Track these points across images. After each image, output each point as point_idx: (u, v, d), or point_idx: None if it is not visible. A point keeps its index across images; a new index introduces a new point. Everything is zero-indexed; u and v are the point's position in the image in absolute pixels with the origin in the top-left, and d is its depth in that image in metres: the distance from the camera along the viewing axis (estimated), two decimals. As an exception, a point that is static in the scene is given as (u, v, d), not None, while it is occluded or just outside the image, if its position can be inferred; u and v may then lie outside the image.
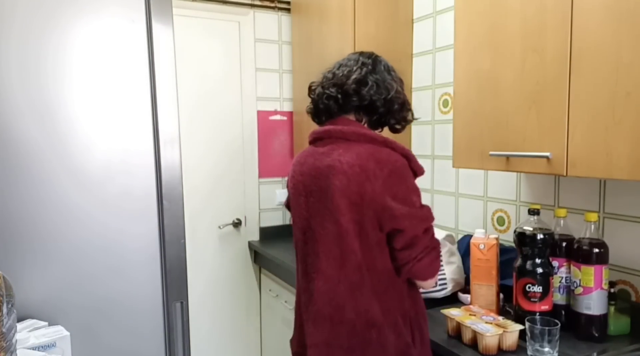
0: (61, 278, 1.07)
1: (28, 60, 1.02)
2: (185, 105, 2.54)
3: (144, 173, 1.14)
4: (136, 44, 1.12)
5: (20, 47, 1.02)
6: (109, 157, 1.10)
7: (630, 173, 1.11)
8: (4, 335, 0.77)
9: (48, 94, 1.04)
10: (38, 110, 1.03)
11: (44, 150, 1.04)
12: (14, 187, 1.02)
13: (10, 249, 1.02)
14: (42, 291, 1.05)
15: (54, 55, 1.05)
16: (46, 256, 1.05)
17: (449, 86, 2.03)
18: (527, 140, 1.35)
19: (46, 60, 1.04)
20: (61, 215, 1.06)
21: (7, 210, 1.02)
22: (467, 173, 1.97)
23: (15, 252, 1.03)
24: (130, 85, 1.12)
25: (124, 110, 1.12)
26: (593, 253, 1.33)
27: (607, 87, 1.15)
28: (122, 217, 1.12)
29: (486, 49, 1.45)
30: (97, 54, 1.08)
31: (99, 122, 1.09)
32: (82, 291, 1.09)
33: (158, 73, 1.14)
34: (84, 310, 1.09)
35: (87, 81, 1.08)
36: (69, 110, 1.06)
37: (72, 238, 1.07)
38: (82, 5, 1.07)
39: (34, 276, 1.04)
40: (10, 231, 1.02)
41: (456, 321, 1.38)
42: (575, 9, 1.21)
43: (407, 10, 2.21)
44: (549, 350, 1.23)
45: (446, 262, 1.73)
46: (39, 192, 1.04)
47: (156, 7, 1.13)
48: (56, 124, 1.05)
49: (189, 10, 2.47)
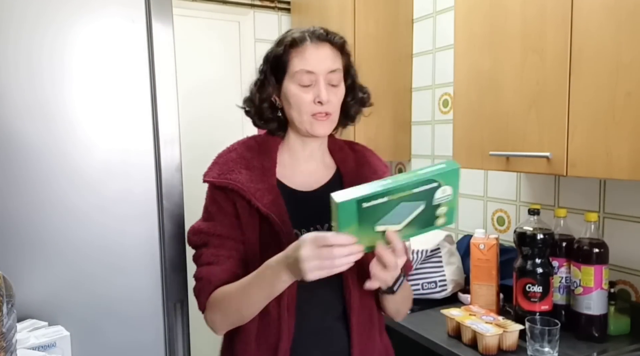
0: (61, 278, 1.07)
1: (27, 60, 1.02)
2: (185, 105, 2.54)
3: (144, 173, 1.14)
4: (136, 44, 1.12)
5: (19, 47, 1.02)
6: (109, 157, 1.10)
7: (630, 173, 1.11)
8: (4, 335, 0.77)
9: (47, 94, 1.04)
10: (37, 110, 1.03)
11: (44, 150, 1.04)
12: (14, 187, 1.02)
13: (10, 249, 1.02)
14: (42, 291, 1.05)
15: (54, 55, 1.04)
16: (46, 256, 1.05)
17: (449, 86, 2.03)
18: (527, 140, 1.35)
19: (45, 60, 1.04)
20: (61, 215, 1.06)
21: (7, 210, 1.02)
22: (467, 173, 1.97)
23: (15, 252, 1.03)
24: (130, 85, 1.12)
25: (124, 110, 1.12)
26: (593, 253, 1.33)
27: (607, 87, 1.15)
28: (122, 217, 1.11)
29: (486, 49, 1.45)
30: (97, 53, 1.08)
31: (99, 122, 1.09)
32: (82, 291, 1.08)
33: (158, 73, 1.14)
34: (84, 310, 1.09)
35: (87, 81, 1.08)
36: (69, 110, 1.06)
37: (72, 238, 1.07)
38: (82, 5, 1.07)
39: (34, 277, 1.04)
40: (10, 231, 1.02)
41: (456, 321, 1.38)
42: (575, 10, 1.21)
43: (407, 10, 2.21)
44: (549, 350, 1.23)
45: (446, 263, 1.73)
46: (39, 192, 1.04)
47: (156, 7, 1.13)
48: (56, 124, 1.05)
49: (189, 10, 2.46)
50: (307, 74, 0.99)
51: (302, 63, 0.99)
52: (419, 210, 0.84)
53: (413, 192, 0.81)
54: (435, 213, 0.86)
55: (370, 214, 0.81)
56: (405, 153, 2.25)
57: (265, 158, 1.06)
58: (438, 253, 1.74)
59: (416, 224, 0.86)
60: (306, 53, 0.99)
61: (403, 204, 0.82)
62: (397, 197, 0.80)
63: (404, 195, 0.81)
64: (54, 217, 1.05)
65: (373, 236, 0.83)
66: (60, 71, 1.05)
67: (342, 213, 0.79)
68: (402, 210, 0.82)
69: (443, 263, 1.72)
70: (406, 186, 0.80)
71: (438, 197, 0.84)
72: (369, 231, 0.82)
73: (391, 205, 0.81)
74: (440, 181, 0.82)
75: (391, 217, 0.82)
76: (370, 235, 0.83)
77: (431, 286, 1.70)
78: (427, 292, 1.70)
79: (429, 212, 0.85)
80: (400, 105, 2.21)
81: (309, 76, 0.99)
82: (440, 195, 0.84)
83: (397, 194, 0.80)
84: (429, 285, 1.70)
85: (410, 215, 0.84)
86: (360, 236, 0.82)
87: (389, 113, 2.17)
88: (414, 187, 0.81)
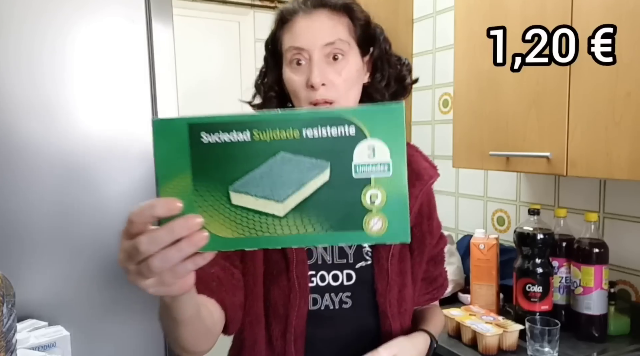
0: (61, 278, 1.07)
1: (28, 60, 1.02)
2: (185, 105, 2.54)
3: (144, 173, 1.14)
4: (136, 44, 1.12)
5: (20, 47, 1.02)
6: (110, 157, 1.10)
7: (630, 173, 1.11)
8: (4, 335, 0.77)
9: (48, 94, 1.04)
10: (38, 109, 1.03)
11: (44, 149, 1.04)
12: (14, 187, 1.02)
13: (10, 249, 1.02)
14: (42, 291, 1.05)
15: (54, 55, 1.04)
16: (46, 256, 1.05)
17: (449, 86, 2.03)
18: (527, 140, 1.34)
19: (46, 60, 1.04)
20: (61, 215, 1.06)
21: (7, 210, 1.02)
22: (467, 173, 1.97)
23: (15, 252, 1.03)
24: (130, 85, 1.12)
25: (124, 110, 1.12)
26: (593, 253, 1.33)
27: (607, 87, 1.15)
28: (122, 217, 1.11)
29: (486, 49, 1.45)
30: (97, 53, 1.08)
31: (99, 122, 1.09)
32: (82, 291, 1.08)
33: (158, 73, 1.14)
34: (84, 310, 1.09)
35: (87, 81, 1.08)
36: (69, 110, 1.06)
37: (72, 238, 1.07)
38: (82, 5, 1.07)
39: (34, 276, 1.04)
40: (10, 231, 1.02)
41: (456, 321, 1.38)
42: (575, 10, 1.21)
43: (407, 10, 2.21)
44: (549, 350, 1.23)
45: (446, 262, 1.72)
46: (39, 192, 1.04)
47: (156, 7, 1.13)
48: (56, 124, 1.05)
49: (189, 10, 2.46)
50: (296, 52, 0.80)
51: (291, 39, 0.81)
52: (319, 179, 0.45)
53: (303, 137, 0.44)
54: (360, 201, 0.45)
55: (219, 162, 0.45)
56: (405, 153, 2.25)
57: None
58: (438, 253, 1.74)
59: (319, 214, 0.46)
60: (295, 27, 0.81)
61: (284, 156, 0.45)
62: (271, 137, 0.45)
63: (285, 137, 0.45)
64: (54, 217, 1.05)
65: (226, 213, 0.46)
66: (60, 71, 1.05)
67: (162, 146, 0.46)
68: (282, 170, 0.45)
69: (443, 263, 1.72)
70: (289, 119, 0.45)
71: (360, 161, 0.45)
72: (216, 198, 0.46)
73: (260, 151, 0.45)
74: (361, 125, 0.44)
75: (261, 180, 0.45)
76: (220, 210, 0.46)
77: (431, 286, 1.70)
78: (427, 292, 1.70)
79: (345, 193, 0.45)
80: (400, 105, 2.21)
81: (298, 54, 0.80)
82: (366, 160, 0.45)
83: (271, 131, 0.45)
84: (429, 285, 1.70)
85: (300, 186, 0.45)
86: (201, 206, 0.45)
87: (389, 113, 2.17)
88: (305, 125, 0.44)
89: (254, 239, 0.46)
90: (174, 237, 0.43)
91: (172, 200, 0.44)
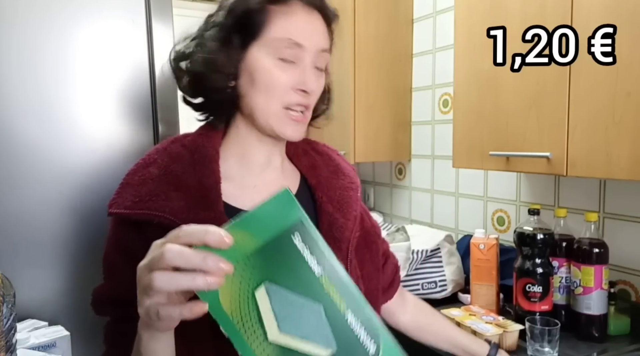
0: (61, 278, 1.07)
1: (29, 61, 1.02)
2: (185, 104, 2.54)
3: (144, 173, 1.14)
4: (136, 44, 1.12)
5: (20, 48, 1.02)
6: (109, 157, 1.10)
7: (630, 173, 1.11)
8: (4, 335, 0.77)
9: (49, 94, 1.04)
10: (38, 111, 1.03)
11: (45, 150, 1.04)
12: (14, 187, 1.02)
13: (10, 249, 1.02)
14: (42, 291, 1.05)
15: (55, 56, 1.05)
16: (46, 256, 1.05)
17: (449, 86, 2.03)
18: (527, 140, 1.34)
19: (47, 61, 1.04)
20: (61, 215, 1.06)
21: (7, 210, 1.02)
22: (467, 173, 1.97)
23: (15, 252, 1.03)
24: (130, 86, 1.12)
25: (124, 110, 1.12)
26: (593, 253, 1.33)
27: (606, 87, 1.15)
28: (122, 217, 1.11)
29: (486, 49, 1.45)
30: (97, 54, 1.08)
31: (99, 123, 1.09)
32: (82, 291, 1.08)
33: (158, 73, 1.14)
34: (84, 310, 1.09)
35: (88, 82, 1.08)
36: (70, 111, 1.06)
37: (72, 238, 1.07)
38: (83, 6, 1.07)
39: (34, 277, 1.04)
40: (11, 231, 1.02)
41: (456, 321, 1.38)
42: (575, 10, 1.21)
43: (407, 10, 2.21)
44: (549, 350, 1.23)
45: (446, 263, 1.73)
46: (39, 192, 1.04)
47: (156, 7, 1.13)
48: (57, 125, 1.05)
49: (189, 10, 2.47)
50: (293, 47, 0.69)
51: (289, 29, 0.69)
52: (319, 350, 0.48)
53: (344, 315, 0.49)
54: None
55: (282, 261, 0.47)
56: (405, 153, 2.25)
57: (204, 172, 0.71)
58: (438, 253, 1.74)
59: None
60: (296, 17, 0.70)
61: (319, 309, 0.48)
62: (328, 291, 0.48)
63: (333, 301, 0.48)
64: (54, 217, 1.05)
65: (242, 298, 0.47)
66: (61, 72, 1.05)
67: (269, 207, 0.47)
68: (309, 315, 0.48)
69: (443, 263, 1.72)
70: (357, 299, 0.50)
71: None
72: (248, 278, 0.47)
73: (311, 288, 0.48)
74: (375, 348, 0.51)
75: (288, 303, 0.47)
76: (241, 292, 0.47)
77: (431, 286, 1.70)
78: (427, 292, 1.70)
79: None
80: (400, 105, 2.21)
81: (294, 50, 0.70)
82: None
83: (331, 288, 0.48)
84: (429, 285, 1.70)
85: (304, 337, 0.48)
86: (236, 269, 0.46)
87: (389, 113, 2.17)
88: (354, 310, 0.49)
89: (238, 334, 0.47)
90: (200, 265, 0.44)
91: (227, 236, 0.45)
